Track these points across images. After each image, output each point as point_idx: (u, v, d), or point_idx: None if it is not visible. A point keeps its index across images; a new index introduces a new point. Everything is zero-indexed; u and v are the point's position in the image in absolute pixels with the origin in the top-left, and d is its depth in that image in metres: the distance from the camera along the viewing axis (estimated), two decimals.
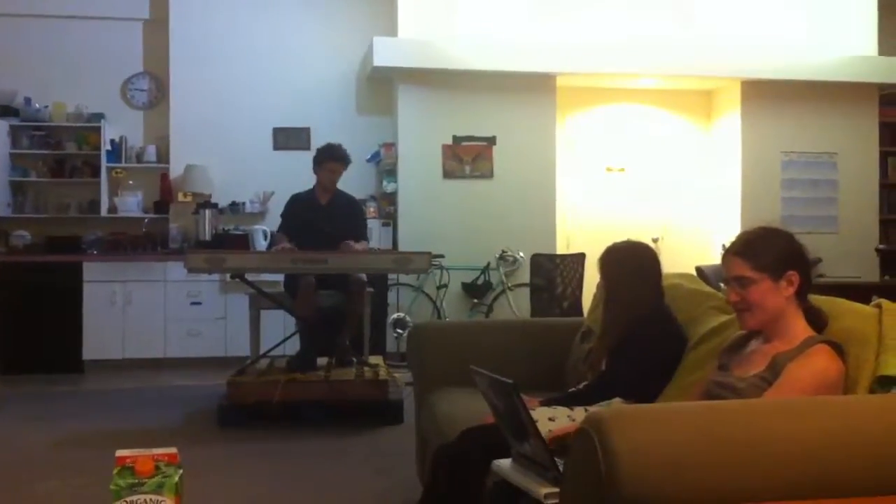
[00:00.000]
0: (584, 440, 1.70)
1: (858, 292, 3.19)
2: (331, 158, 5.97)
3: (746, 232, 2.44)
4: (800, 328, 2.30)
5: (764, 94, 8.43)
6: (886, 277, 7.91)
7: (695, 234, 8.83)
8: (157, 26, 8.19)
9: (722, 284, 2.61)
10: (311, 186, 6.09)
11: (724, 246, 2.46)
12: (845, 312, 2.36)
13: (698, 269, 6.37)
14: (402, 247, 7.66)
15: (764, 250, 2.33)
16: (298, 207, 6.06)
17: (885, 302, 2.30)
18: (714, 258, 7.67)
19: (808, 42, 8.41)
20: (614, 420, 1.70)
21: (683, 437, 1.70)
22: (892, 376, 2.09)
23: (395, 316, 7.66)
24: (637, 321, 2.92)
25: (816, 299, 2.42)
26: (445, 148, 8.03)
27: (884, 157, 8.87)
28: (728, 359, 2.47)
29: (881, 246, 8.50)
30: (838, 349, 2.21)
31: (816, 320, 2.34)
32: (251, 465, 4.50)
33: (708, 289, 3.24)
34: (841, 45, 8.49)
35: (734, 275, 2.35)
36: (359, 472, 4.38)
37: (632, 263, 3.03)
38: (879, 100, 8.76)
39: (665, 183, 8.85)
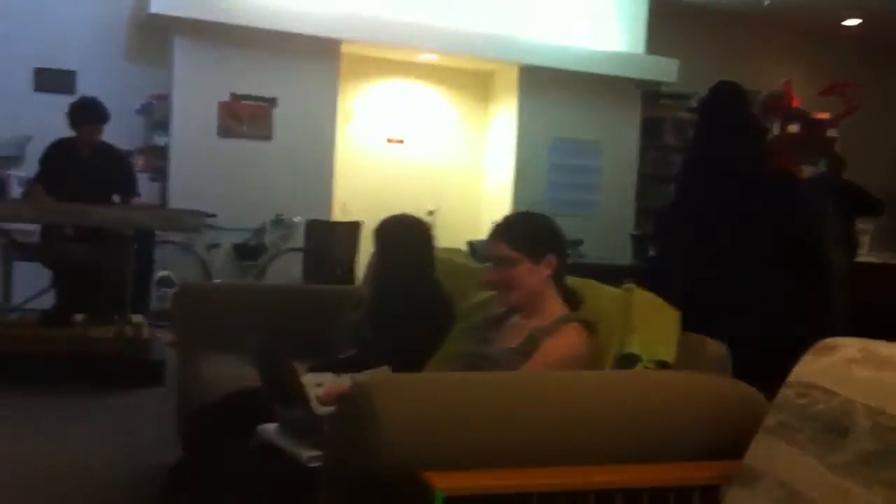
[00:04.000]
0: (349, 406, 1.75)
1: (613, 274, 3.45)
2: (86, 121, 5.58)
3: (509, 216, 2.66)
4: (555, 306, 2.46)
5: (540, 81, 8.78)
6: (637, 260, 8.49)
7: (469, 209, 9.09)
8: None
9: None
10: (75, 134, 5.69)
11: (493, 223, 2.58)
12: (598, 294, 2.55)
13: (470, 244, 6.60)
14: (172, 203, 7.39)
15: (524, 233, 2.50)
16: (58, 157, 5.69)
17: (634, 286, 2.48)
18: (486, 234, 7.92)
19: (583, 35, 8.85)
20: (378, 388, 1.75)
21: (441, 405, 1.77)
22: (634, 354, 2.26)
23: (160, 274, 7.39)
24: (406, 292, 2.99)
25: (573, 280, 2.59)
26: (223, 105, 7.79)
27: (644, 149, 9.48)
28: (489, 332, 2.59)
29: (635, 231, 9.12)
30: (590, 327, 2.38)
31: (572, 300, 2.50)
32: None
33: (476, 264, 3.36)
34: (612, 41, 9.00)
35: (496, 255, 2.48)
36: (112, 433, 4.21)
37: (404, 236, 3.11)
38: (642, 96, 9.36)
39: (443, 158, 9.06)
